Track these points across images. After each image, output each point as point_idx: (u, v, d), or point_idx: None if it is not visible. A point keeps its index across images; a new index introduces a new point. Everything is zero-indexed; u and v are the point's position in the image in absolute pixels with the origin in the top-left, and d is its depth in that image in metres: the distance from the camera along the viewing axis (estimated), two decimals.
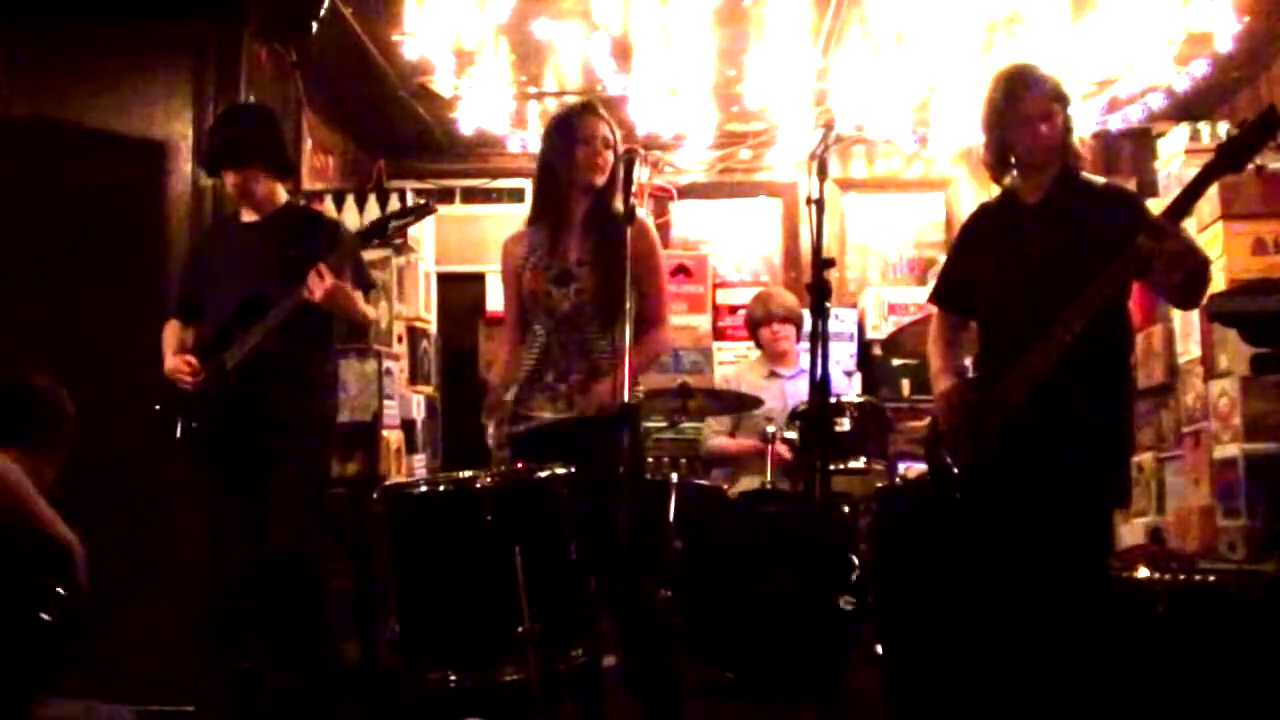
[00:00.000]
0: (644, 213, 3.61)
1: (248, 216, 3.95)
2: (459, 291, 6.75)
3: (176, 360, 3.84)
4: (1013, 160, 3.29)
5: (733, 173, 6.95)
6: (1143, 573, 3.49)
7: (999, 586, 3.14)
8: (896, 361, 6.26)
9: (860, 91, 5.74)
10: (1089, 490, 3.09)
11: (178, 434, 3.82)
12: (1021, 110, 3.20)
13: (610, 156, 3.48)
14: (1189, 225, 3.79)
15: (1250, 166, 3.10)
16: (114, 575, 4.30)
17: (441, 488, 3.31)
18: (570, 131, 3.49)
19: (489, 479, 3.21)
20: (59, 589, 2.74)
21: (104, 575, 4.29)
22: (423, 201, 4.00)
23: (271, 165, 3.93)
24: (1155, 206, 4.38)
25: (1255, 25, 5.12)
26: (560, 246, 3.51)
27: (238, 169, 3.87)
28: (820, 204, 3.18)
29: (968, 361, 3.53)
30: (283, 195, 3.99)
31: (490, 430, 3.63)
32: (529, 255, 3.55)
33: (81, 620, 2.53)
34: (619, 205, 3.43)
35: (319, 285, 3.62)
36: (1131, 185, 5.93)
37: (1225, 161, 2.89)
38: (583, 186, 3.49)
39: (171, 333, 3.99)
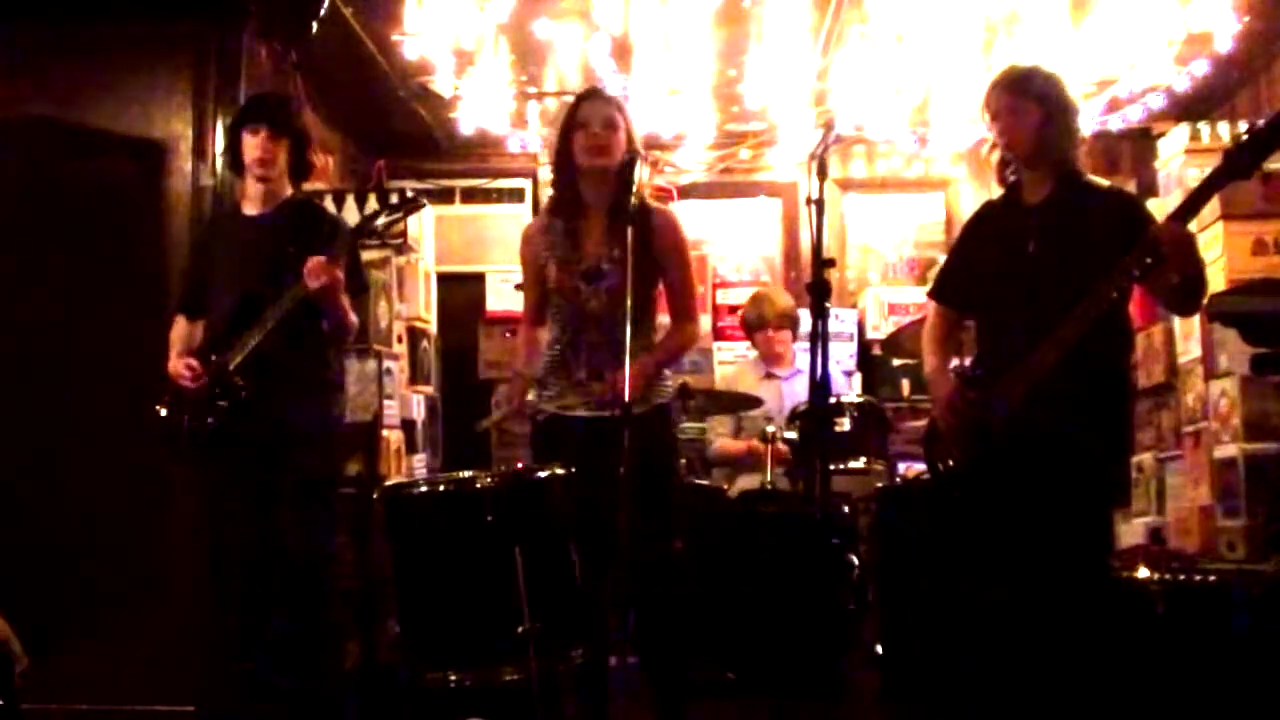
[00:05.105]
0: (671, 207, 3.54)
1: (250, 210, 3.92)
2: (459, 291, 6.75)
3: (177, 364, 3.81)
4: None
5: (733, 173, 6.95)
6: (1142, 573, 3.49)
7: (999, 586, 3.14)
8: (896, 361, 6.27)
9: (860, 91, 5.73)
10: (1089, 490, 3.09)
11: (183, 436, 3.80)
12: (988, 104, 3.23)
13: (619, 139, 3.38)
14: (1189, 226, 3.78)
15: None
16: (114, 575, 4.33)
17: (441, 488, 3.32)
18: (570, 118, 3.44)
19: (489, 479, 3.22)
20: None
21: (104, 575, 4.32)
22: (412, 196, 3.94)
23: (297, 152, 3.91)
24: (1155, 206, 4.41)
25: (1255, 25, 5.12)
26: (582, 240, 3.43)
27: (275, 133, 3.81)
28: (820, 204, 3.18)
29: (967, 361, 3.53)
30: (288, 189, 3.97)
31: (494, 415, 3.59)
32: (552, 248, 3.47)
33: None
34: (645, 195, 3.38)
35: (317, 277, 3.59)
36: (1131, 185, 5.95)
37: (1232, 167, 2.88)
38: (589, 174, 3.41)
39: (178, 332, 3.96)
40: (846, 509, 4.54)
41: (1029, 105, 3.18)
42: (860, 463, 4.82)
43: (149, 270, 4.46)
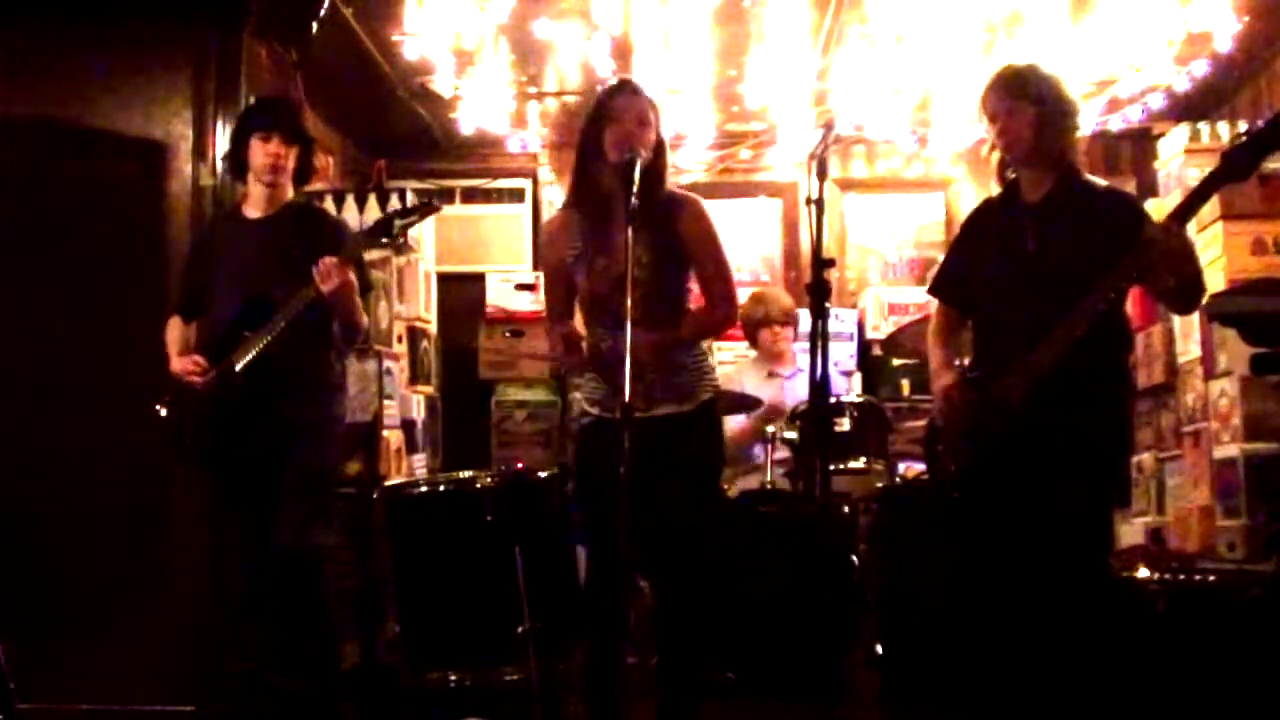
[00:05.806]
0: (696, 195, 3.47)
1: (252, 213, 3.92)
2: (459, 291, 6.75)
3: (184, 361, 3.81)
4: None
5: (733, 173, 6.95)
6: (1142, 573, 3.49)
7: (998, 586, 3.14)
8: (896, 361, 6.27)
9: (860, 91, 5.74)
10: (1089, 490, 3.09)
11: (184, 435, 3.80)
12: (984, 105, 3.24)
13: (650, 137, 3.28)
14: (1188, 225, 3.79)
15: None
16: (115, 575, 4.33)
17: (441, 488, 3.33)
18: (600, 111, 3.32)
19: (489, 479, 3.23)
20: None
21: (105, 575, 4.33)
22: (426, 200, 3.95)
23: (302, 158, 3.91)
24: (1155, 207, 4.41)
25: (1255, 25, 5.12)
26: (609, 242, 3.30)
27: (286, 140, 3.83)
28: (820, 204, 3.19)
29: (967, 361, 3.53)
30: (290, 193, 3.97)
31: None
32: (578, 252, 3.35)
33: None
34: (669, 189, 3.34)
35: (330, 278, 3.59)
36: (1131, 185, 5.95)
37: (1229, 170, 2.88)
38: (617, 170, 3.26)
39: (174, 331, 3.97)
40: (846, 509, 4.54)
41: (1025, 106, 3.17)
42: (860, 463, 4.82)
43: (148, 270, 4.46)
